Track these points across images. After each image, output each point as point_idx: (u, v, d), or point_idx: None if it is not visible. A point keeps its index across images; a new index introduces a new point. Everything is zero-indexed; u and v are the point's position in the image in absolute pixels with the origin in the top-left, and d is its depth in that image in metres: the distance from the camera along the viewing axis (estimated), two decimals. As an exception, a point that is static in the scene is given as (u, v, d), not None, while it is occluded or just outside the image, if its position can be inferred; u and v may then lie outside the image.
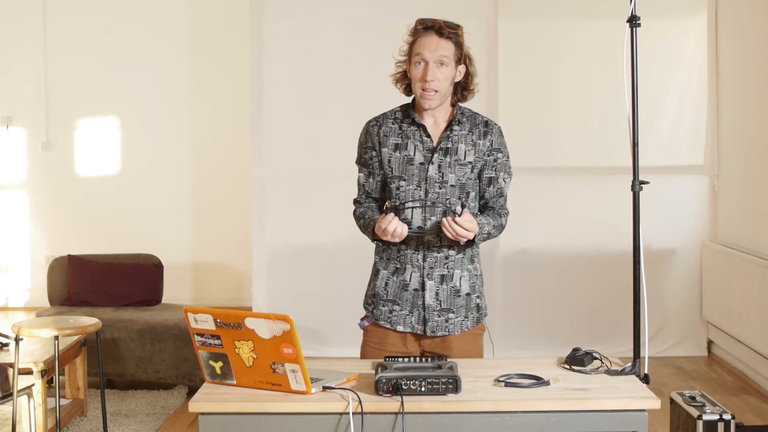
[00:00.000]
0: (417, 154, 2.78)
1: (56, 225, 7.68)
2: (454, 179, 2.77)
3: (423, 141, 2.79)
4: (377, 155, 2.83)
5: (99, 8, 7.55)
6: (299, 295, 6.00)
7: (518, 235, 6.00)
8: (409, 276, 2.80)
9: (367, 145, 2.85)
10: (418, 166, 2.77)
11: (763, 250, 5.22)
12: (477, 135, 2.80)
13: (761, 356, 5.14)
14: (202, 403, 2.29)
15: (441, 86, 2.73)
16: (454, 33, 2.75)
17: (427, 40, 2.73)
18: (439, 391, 2.28)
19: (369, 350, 2.87)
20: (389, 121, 2.83)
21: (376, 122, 2.85)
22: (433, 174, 2.76)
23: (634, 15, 2.75)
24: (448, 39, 2.74)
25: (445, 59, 2.72)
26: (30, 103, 7.63)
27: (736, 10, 5.72)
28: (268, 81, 5.98)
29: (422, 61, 2.72)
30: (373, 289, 2.88)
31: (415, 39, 2.77)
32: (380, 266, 2.87)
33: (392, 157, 2.80)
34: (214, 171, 7.59)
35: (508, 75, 5.99)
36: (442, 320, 2.82)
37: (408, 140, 2.79)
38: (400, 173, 2.79)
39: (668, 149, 5.99)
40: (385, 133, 2.82)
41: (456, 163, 2.77)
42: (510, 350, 5.87)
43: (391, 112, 2.86)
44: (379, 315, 2.85)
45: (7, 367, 3.79)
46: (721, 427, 3.29)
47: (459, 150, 2.78)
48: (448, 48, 2.74)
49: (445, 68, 2.73)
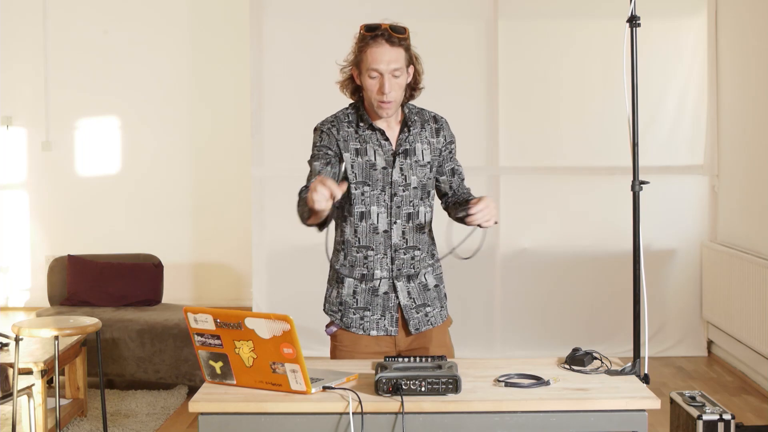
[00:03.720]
0: (378, 158, 2.75)
1: (56, 225, 7.69)
2: (416, 181, 2.77)
3: (382, 145, 2.76)
4: (338, 155, 2.76)
5: (99, 8, 7.55)
6: (299, 295, 5.99)
7: (518, 235, 6.01)
8: (378, 282, 2.78)
9: (324, 145, 2.78)
10: (381, 171, 2.75)
11: (763, 250, 5.22)
12: (430, 132, 2.81)
13: (761, 356, 5.14)
14: (202, 403, 2.29)
15: (397, 96, 2.71)
16: (404, 39, 2.70)
17: (379, 52, 2.67)
18: (439, 391, 2.28)
19: (341, 353, 2.83)
20: (344, 125, 2.78)
21: (332, 125, 2.79)
22: (397, 178, 2.75)
23: (634, 15, 2.75)
24: (399, 47, 2.68)
25: (399, 69, 2.68)
26: (30, 103, 7.64)
27: (736, 10, 5.72)
28: (268, 81, 5.98)
29: (377, 73, 2.67)
30: (339, 297, 2.82)
31: (365, 47, 2.69)
32: (344, 273, 2.81)
33: (355, 162, 2.75)
34: (214, 171, 7.59)
35: (508, 75, 5.99)
36: (422, 316, 2.82)
37: (366, 144, 2.76)
38: (364, 179, 2.75)
39: (668, 149, 5.99)
40: (344, 137, 2.76)
41: (416, 165, 2.78)
42: (510, 350, 5.87)
43: (343, 114, 2.82)
44: (350, 322, 2.81)
45: (7, 367, 3.79)
46: (721, 427, 3.29)
47: (417, 150, 2.78)
48: (399, 56, 2.69)
49: (399, 78, 2.69)
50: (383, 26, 2.69)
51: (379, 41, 2.67)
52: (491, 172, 5.96)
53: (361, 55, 2.70)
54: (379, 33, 2.68)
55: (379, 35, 2.67)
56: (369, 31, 2.70)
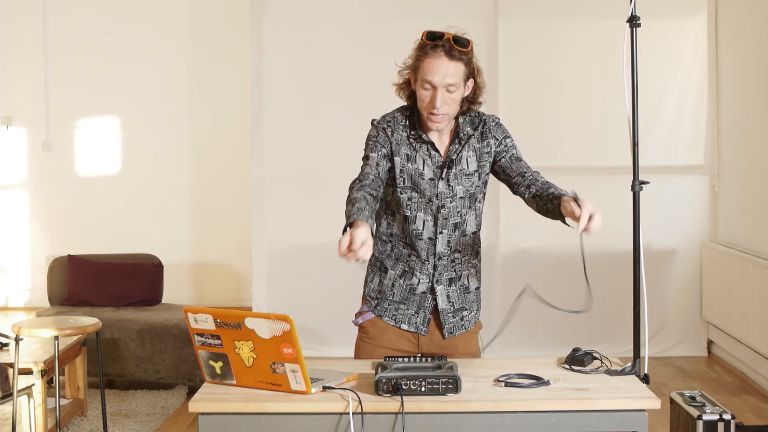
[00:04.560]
0: (426, 169, 2.70)
1: (56, 225, 7.69)
2: (462, 191, 2.72)
3: (431, 155, 2.70)
4: (389, 155, 2.70)
5: (99, 8, 7.55)
6: (299, 295, 6.00)
7: (518, 235, 6.01)
8: (417, 281, 2.77)
9: (380, 141, 2.70)
10: (428, 182, 2.70)
11: (763, 250, 5.22)
12: (476, 139, 2.73)
13: (761, 356, 5.14)
14: (202, 403, 2.29)
15: (450, 110, 2.62)
16: (465, 53, 2.59)
17: (435, 64, 2.56)
18: (439, 391, 2.28)
19: (364, 346, 2.83)
20: (400, 128, 2.71)
21: (388, 125, 2.72)
22: (443, 189, 2.71)
23: (634, 15, 2.75)
24: (459, 60, 2.57)
25: (455, 84, 2.58)
26: (30, 103, 7.64)
27: (736, 10, 5.72)
28: (268, 81, 5.98)
29: (430, 86, 2.58)
30: (380, 285, 2.82)
31: (423, 56, 2.59)
32: (388, 265, 2.80)
33: (404, 168, 2.70)
34: (214, 171, 7.59)
35: (508, 75, 5.99)
36: (458, 320, 2.81)
37: (416, 153, 2.70)
38: (412, 185, 2.71)
39: (668, 149, 5.99)
40: (397, 141, 2.70)
41: (462, 174, 2.72)
42: (510, 350, 5.87)
43: (401, 116, 2.73)
44: (383, 311, 2.81)
45: (7, 367, 3.79)
46: (721, 427, 3.29)
47: (463, 160, 2.72)
48: (458, 71, 2.58)
49: (454, 93, 2.59)
50: (446, 36, 2.58)
51: (438, 52, 2.56)
52: (491, 172, 5.95)
53: (418, 63, 2.60)
54: (440, 44, 2.56)
55: (440, 46, 2.56)
56: (430, 39, 2.58)
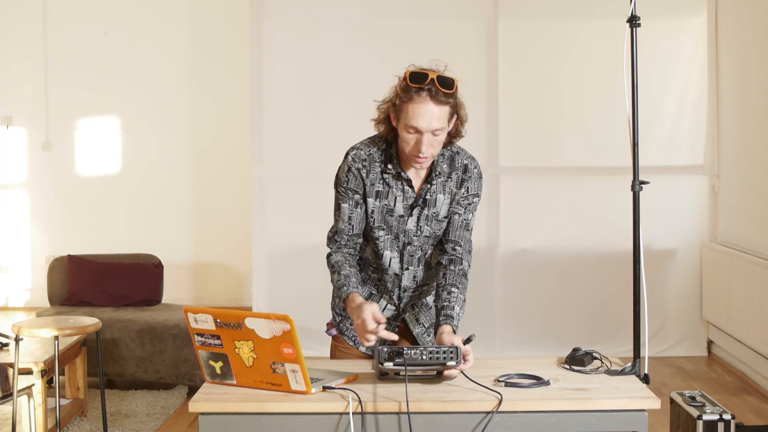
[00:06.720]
0: (398, 205, 2.62)
1: (56, 225, 7.69)
2: (429, 231, 2.66)
3: (404, 192, 2.61)
4: (362, 198, 2.63)
5: (99, 8, 7.55)
6: (299, 295, 6.00)
7: (518, 235, 6.01)
8: (383, 306, 2.75)
9: (351, 188, 2.62)
10: (398, 219, 2.63)
11: (763, 250, 5.22)
12: (455, 183, 2.63)
13: (761, 356, 5.14)
14: (202, 403, 2.29)
15: (435, 151, 2.52)
16: (451, 95, 2.47)
17: (421, 109, 2.43)
18: (440, 359, 2.31)
19: (340, 354, 2.82)
20: (376, 165, 2.60)
21: (363, 166, 2.60)
22: (411, 227, 2.65)
23: (634, 15, 2.75)
24: (445, 104, 2.46)
25: (441, 129, 2.47)
26: (30, 103, 7.64)
27: (736, 10, 5.72)
28: (268, 81, 5.98)
29: (414, 131, 2.46)
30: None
31: (407, 100, 2.45)
32: None
33: (375, 207, 2.63)
34: (214, 171, 7.59)
35: (508, 75, 5.99)
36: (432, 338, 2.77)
37: (389, 189, 2.62)
38: (380, 223, 2.65)
39: (668, 149, 5.99)
40: (372, 181, 2.61)
41: (433, 217, 2.64)
42: (510, 350, 5.87)
43: (377, 151, 2.61)
44: (345, 330, 2.79)
45: (7, 367, 3.79)
46: (721, 427, 3.29)
47: (437, 201, 2.63)
48: (443, 114, 2.46)
49: (440, 135, 2.49)
50: (430, 76, 2.45)
51: (422, 96, 2.44)
52: (491, 172, 5.95)
53: (402, 105, 2.47)
54: (425, 87, 2.44)
55: (425, 90, 2.44)
56: (414, 81, 2.45)
